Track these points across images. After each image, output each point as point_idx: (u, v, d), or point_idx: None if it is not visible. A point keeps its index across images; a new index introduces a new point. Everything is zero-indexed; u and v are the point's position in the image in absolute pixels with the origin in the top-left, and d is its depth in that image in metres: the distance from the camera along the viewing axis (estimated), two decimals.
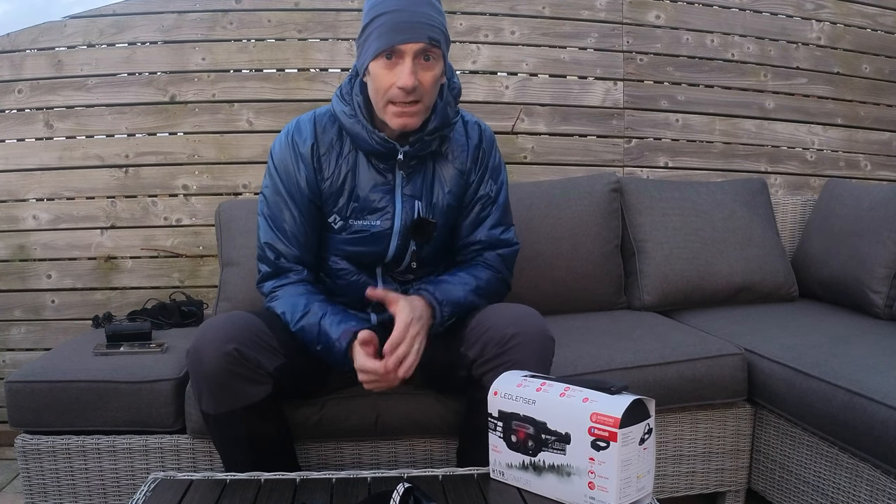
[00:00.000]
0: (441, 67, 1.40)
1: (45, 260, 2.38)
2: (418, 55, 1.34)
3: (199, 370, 1.36)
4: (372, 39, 1.35)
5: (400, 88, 1.34)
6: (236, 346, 1.34)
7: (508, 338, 1.36)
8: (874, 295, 2.00)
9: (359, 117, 1.45)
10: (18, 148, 2.36)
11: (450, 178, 1.54)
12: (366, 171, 1.50)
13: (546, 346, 1.39)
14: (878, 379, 1.49)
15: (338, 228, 1.53)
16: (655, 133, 2.60)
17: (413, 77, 1.34)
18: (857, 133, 2.73)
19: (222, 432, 1.43)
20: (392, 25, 1.33)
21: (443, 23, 1.39)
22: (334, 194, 1.51)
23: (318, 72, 2.42)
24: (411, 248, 1.53)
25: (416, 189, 1.51)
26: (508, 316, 1.41)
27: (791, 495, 1.71)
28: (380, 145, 1.45)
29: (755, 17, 2.63)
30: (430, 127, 1.45)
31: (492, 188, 1.58)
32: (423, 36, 1.33)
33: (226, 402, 1.37)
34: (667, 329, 1.93)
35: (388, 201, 1.50)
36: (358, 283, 1.56)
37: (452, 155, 1.54)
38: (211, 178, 2.40)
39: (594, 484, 1.11)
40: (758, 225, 2.28)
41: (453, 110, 1.51)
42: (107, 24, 2.35)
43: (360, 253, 1.54)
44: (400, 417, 1.61)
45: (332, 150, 1.50)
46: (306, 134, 1.51)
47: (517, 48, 2.50)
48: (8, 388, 1.63)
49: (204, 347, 1.35)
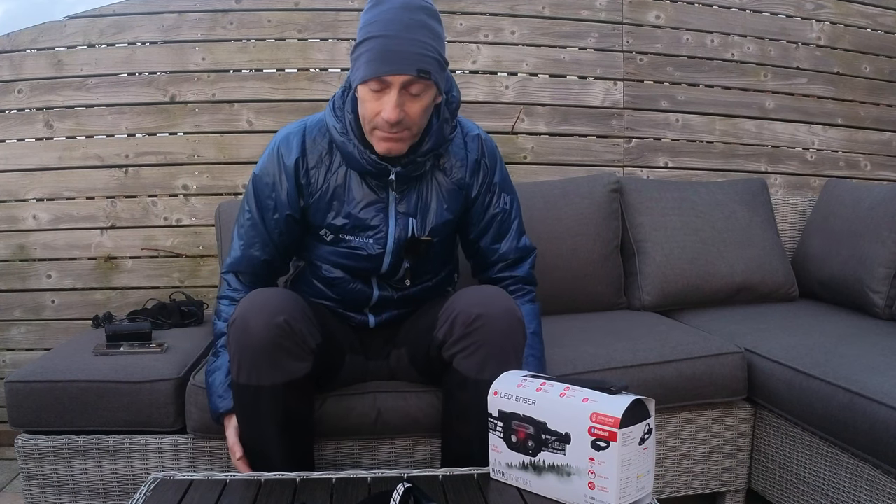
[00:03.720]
0: (432, 95, 1.34)
1: (45, 260, 2.39)
2: (406, 86, 1.29)
3: (246, 341, 1.32)
4: (360, 63, 1.30)
5: (384, 120, 1.30)
6: (286, 318, 1.32)
7: (474, 318, 1.34)
8: (874, 295, 2.00)
9: (350, 136, 1.41)
10: (18, 148, 2.36)
11: (447, 192, 1.51)
12: (358, 188, 1.47)
13: (512, 326, 1.36)
14: (878, 379, 1.49)
15: (329, 241, 1.51)
16: (655, 133, 2.60)
17: (398, 111, 1.29)
18: (857, 133, 2.73)
19: (258, 407, 1.38)
20: (380, 53, 1.27)
21: (437, 48, 1.31)
22: (322, 209, 1.48)
23: (318, 72, 2.42)
24: (405, 266, 1.52)
25: (411, 207, 1.48)
26: (475, 297, 1.39)
27: (791, 495, 1.71)
28: (370, 165, 1.41)
29: (755, 17, 2.63)
30: (423, 148, 1.42)
31: (506, 201, 1.57)
32: (411, 68, 1.27)
33: (268, 376, 1.34)
34: (667, 329, 1.93)
35: (382, 220, 1.48)
36: (354, 291, 1.55)
37: (451, 169, 1.51)
38: (211, 178, 2.40)
39: (594, 484, 1.11)
40: (758, 225, 2.28)
41: (450, 126, 1.46)
42: (107, 24, 2.35)
43: (352, 267, 1.53)
44: (400, 415, 1.61)
45: (321, 163, 1.47)
46: (293, 146, 1.47)
47: (517, 48, 2.50)
48: (8, 388, 1.63)
49: (252, 317, 1.32)
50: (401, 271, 1.53)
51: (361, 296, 1.56)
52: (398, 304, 1.60)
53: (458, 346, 1.37)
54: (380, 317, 1.59)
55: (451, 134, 1.48)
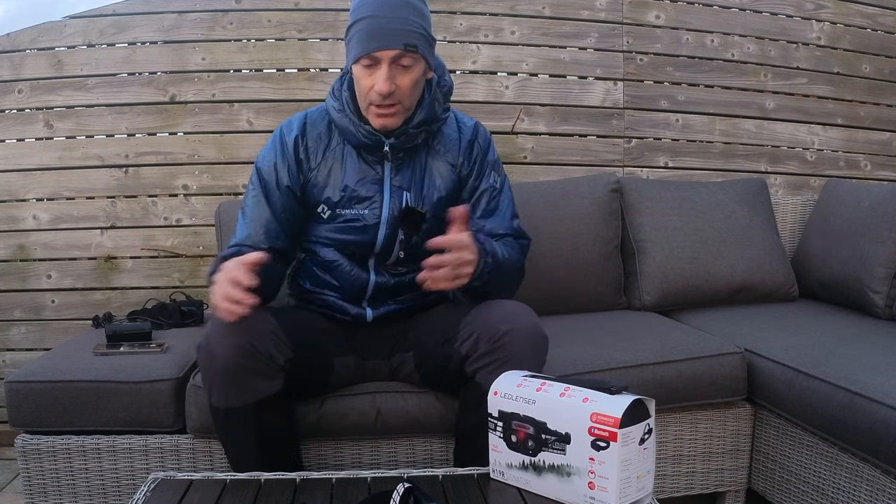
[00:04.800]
0: (421, 69, 1.44)
1: (45, 260, 2.39)
2: (395, 60, 1.39)
3: (211, 364, 1.35)
4: (353, 44, 1.42)
5: (377, 93, 1.41)
6: (249, 340, 1.33)
7: (501, 334, 1.36)
8: (874, 295, 2.00)
9: (346, 112, 1.51)
10: (18, 148, 2.36)
11: (441, 171, 1.58)
12: (354, 163, 1.54)
13: (538, 343, 1.39)
14: (878, 379, 1.49)
15: (326, 218, 1.56)
16: (655, 133, 2.60)
17: (389, 83, 1.40)
18: (857, 133, 2.73)
19: (231, 428, 1.41)
20: (369, 32, 1.38)
21: (422, 24, 1.42)
22: (320, 184, 1.55)
23: (318, 72, 2.42)
24: (399, 238, 1.55)
25: (405, 181, 1.55)
26: (501, 312, 1.41)
27: (791, 495, 1.71)
28: (366, 137, 1.50)
29: (755, 17, 2.63)
30: (415, 121, 1.50)
31: (496, 180, 1.61)
32: (398, 43, 1.38)
33: (237, 397, 1.36)
34: (666, 329, 1.93)
35: (377, 191, 1.54)
36: (350, 276, 1.57)
37: (444, 149, 1.58)
38: (211, 178, 2.40)
39: (594, 484, 1.11)
40: (758, 225, 2.28)
41: (441, 106, 1.55)
42: (107, 24, 2.35)
43: (347, 241, 1.56)
44: (400, 415, 1.61)
45: (319, 142, 1.56)
46: (294, 127, 1.57)
47: (517, 48, 2.50)
48: (8, 388, 1.63)
49: (215, 341, 1.34)
50: (395, 246, 1.55)
51: (358, 282, 1.57)
52: (394, 292, 1.60)
53: (483, 361, 1.38)
54: (377, 310, 1.60)
55: (444, 114, 1.56)
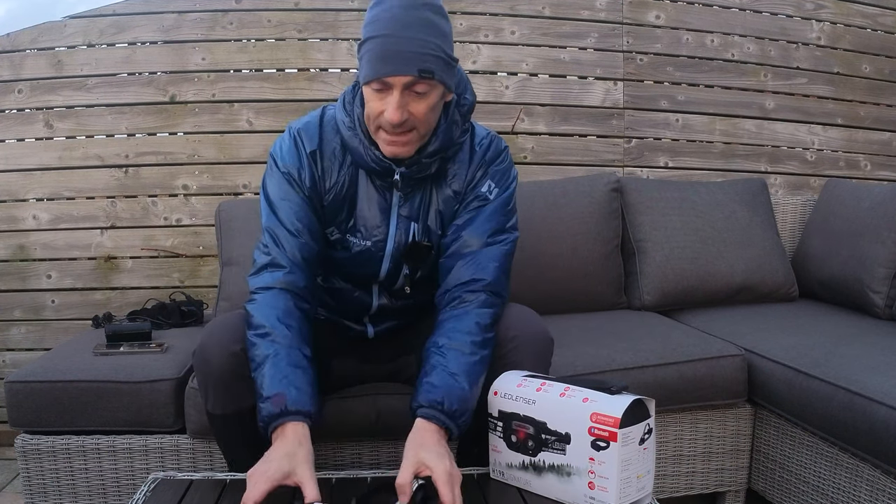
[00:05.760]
0: (438, 94, 1.27)
1: (45, 260, 2.39)
2: (408, 87, 1.23)
3: (206, 370, 1.35)
4: (364, 63, 1.25)
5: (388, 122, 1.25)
6: (243, 346, 1.32)
7: (509, 339, 1.35)
8: (874, 295, 2.00)
9: (357, 131, 1.36)
10: (18, 148, 2.36)
11: (444, 201, 1.43)
12: (365, 186, 1.41)
13: (545, 347, 1.38)
14: (878, 379, 1.49)
15: (333, 242, 1.45)
16: (655, 133, 2.60)
17: (400, 112, 1.23)
18: (857, 133, 2.73)
19: (227, 433, 1.41)
20: (380, 53, 1.22)
21: (441, 45, 1.24)
22: (334, 206, 1.42)
23: (318, 72, 2.42)
24: (404, 272, 1.46)
25: (413, 211, 1.42)
26: (508, 317, 1.39)
27: (791, 495, 1.71)
28: (375, 163, 1.35)
29: (755, 17, 2.63)
30: (429, 150, 1.34)
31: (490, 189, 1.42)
32: (411, 68, 1.21)
33: (232, 403, 1.35)
34: (667, 329, 1.93)
35: (383, 220, 1.42)
36: (353, 299, 1.51)
37: (452, 175, 1.42)
38: (211, 178, 2.40)
39: (594, 484, 1.11)
40: (758, 225, 2.28)
41: (460, 129, 1.38)
42: (107, 24, 2.35)
43: (350, 272, 1.49)
44: (400, 417, 1.59)
45: (334, 160, 1.41)
46: (312, 135, 1.41)
47: (517, 48, 2.50)
48: (8, 388, 1.63)
49: (210, 347, 1.34)
50: (400, 278, 1.48)
51: (361, 305, 1.52)
52: (398, 314, 1.56)
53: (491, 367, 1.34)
54: (378, 327, 1.56)
55: (461, 137, 1.40)
